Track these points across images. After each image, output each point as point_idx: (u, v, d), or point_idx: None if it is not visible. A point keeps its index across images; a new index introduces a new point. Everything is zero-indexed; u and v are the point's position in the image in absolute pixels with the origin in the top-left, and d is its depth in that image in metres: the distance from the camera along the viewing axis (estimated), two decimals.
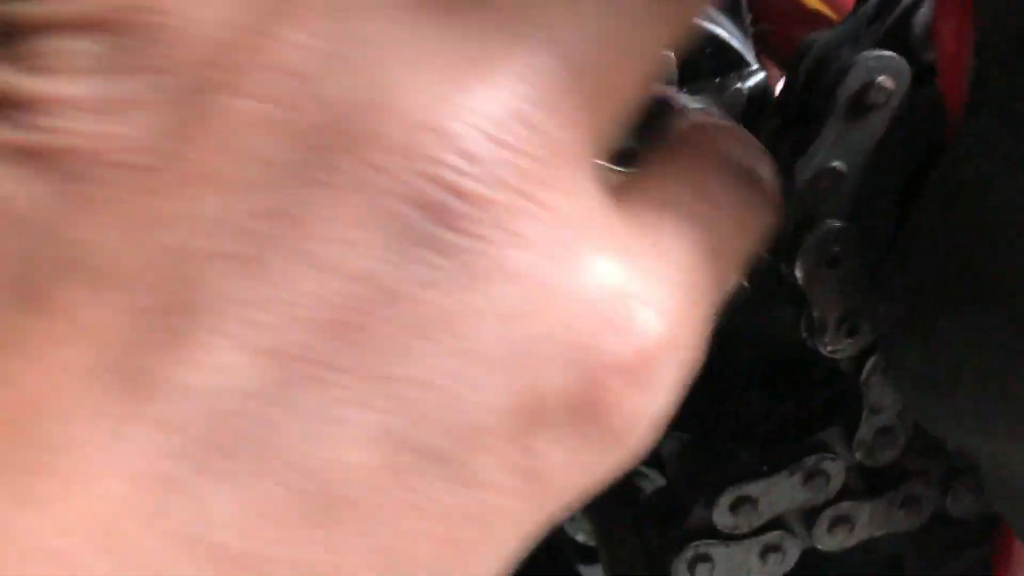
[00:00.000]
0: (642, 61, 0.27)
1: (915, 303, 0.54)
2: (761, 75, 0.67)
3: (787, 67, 0.61)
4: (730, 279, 0.35)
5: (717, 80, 0.67)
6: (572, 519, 0.74)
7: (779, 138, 0.62)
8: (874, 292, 0.62)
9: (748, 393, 0.79)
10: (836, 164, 0.58)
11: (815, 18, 0.94)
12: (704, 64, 0.66)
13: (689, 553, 0.66)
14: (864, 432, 0.66)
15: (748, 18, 0.71)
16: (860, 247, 0.60)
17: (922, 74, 0.57)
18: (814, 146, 0.58)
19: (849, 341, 0.63)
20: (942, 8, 0.50)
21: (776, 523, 0.68)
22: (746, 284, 0.71)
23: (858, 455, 0.65)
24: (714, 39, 0.66)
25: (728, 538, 0.66)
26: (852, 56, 0.57)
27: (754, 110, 0.65)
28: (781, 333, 0.78)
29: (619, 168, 0.35)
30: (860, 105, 0.57)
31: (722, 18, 0.70)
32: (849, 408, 0.67)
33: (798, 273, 0.62)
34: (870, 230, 0.60)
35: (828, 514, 0.67)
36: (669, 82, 0.63)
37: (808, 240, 0.61)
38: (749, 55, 0.68)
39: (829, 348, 0.64)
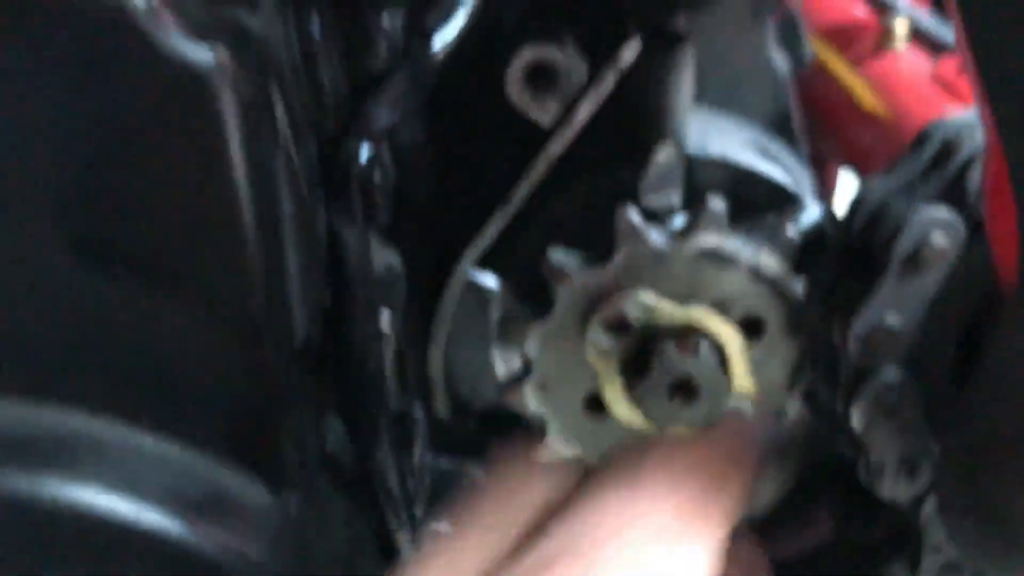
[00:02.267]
0: None
1: (973, 466, 0.54)
2: (816, 214, 0.67)
3: (846, 215, 0.61)
4: None
5: (768, 217, 0.67)
6: None
7: (834, 289, 0.62)
8: (932, 437, 0.61)
9: (818, 515, 0.78)
10: (891, 320, 0.58)
11: (872, 120, 0.94)
12: (757, 201, 0.67)
13: None
14: (928, 567, 0.65)
15: (803, 139, 0.72)
16: (916, 397, 0.60)
17: (977, 228, 0.56)
18: (870, 302, 0.58)
19: (907, 485, 0.63)
20: (990, 184, 0.50)
21: None
22: (809, 417, 0.72)
23: None
24: (766, 180, 0.66)
25: None
26: (908, 210, 0.57)
27: (810, 252, 0.65)
28: (846, 464, 0.78)
29: None
30: (915, 263, 0.57)
31: (777, 147, 0.70)
32: (912, 542, 0.66)
33: (855, 422, 0.61)
34: (926, 381, 0.60)
35: None
36: (720, 229, 0.63)
37: (864, 391, 0.61)
38: (804, 189, 0.68)
39: (887, 492, 0.64)
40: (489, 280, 0.68)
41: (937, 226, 0.56)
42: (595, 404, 0.72)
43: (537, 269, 0.68)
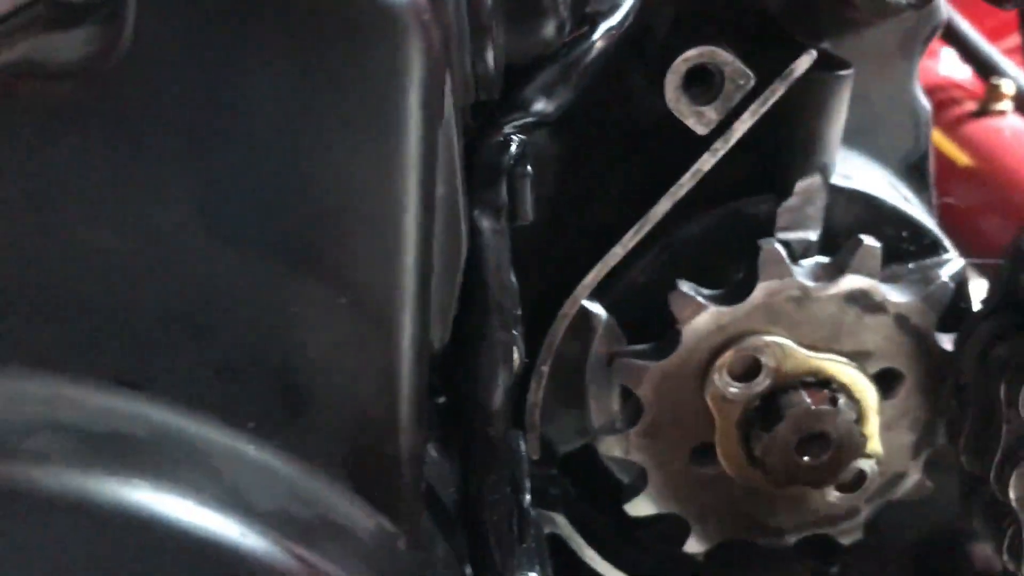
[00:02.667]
0: None
1: None
2: (959, 263, 0.62)
3: (1009, 260, 0.56)
4: None
5: (911, 266, 0.61)
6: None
7: (996, 343, 0.57)
8: None
9: None
10: None
11: (969, 176, 0.89)
12: (899, 248, 0.61)
13: None
14: None
15: (934, 192, 0.67)
16: None
17: None
18: None
19: None
20: None
21: None
22: (929, 483, 0.65)
23: None
24: (911, 222, 0.61)
25: None
26: None
27: (954, 299, 0.59)
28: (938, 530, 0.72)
29: None
30: None
31: (910, 192, 0.65)
32: None
33: (1012, 492, 0.55)
34: None
35: None
36: (872, 273, 0.57)
37: None
38: (945, 239, 0.63)
39: None
40: (598, 309, 0.62)
41: None
42: (704, 456, 0.65)
43: (652, 302, 0.62)
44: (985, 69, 0.88)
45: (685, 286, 0.58)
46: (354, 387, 0.43)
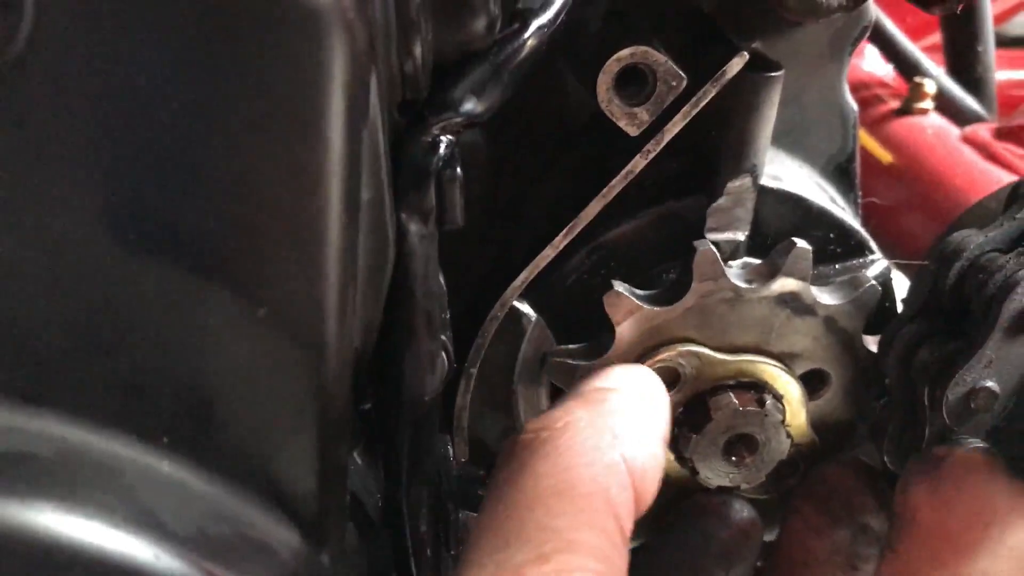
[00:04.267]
0: None
1: None
2: (883, 264, 0.62)
3: (933, 265, 0.56)
4: None
5: (838, 267, 0.62)
6: None
7: (919, 346, 0.57)
8: None
9: None
10: (990, 384, 0.53)
11: (892, 174, 0.90)
12: (825, 249, 0.61)
13: None
14: None
15: (859, 193, 0.67)
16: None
17: None
18: (970, 363, 0.53)
19: None
20: None
21: None
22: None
23: None
24: (838, 224, 0.61)
25: None
26: (1017, 268, 0.53)
27: (880, 305, 0.60)
28: None
29: None
30: (1023, 324, 0.52)
31: (836, 193, 0.65)
32: None
33: None
34: (1011, 446, 0.55)
35: None
36: (803, 275, 0.57)
37: None
38: (870, 240, 0.63)
39: None
40: (528, 310, 0.61)
41: None
42: None
43: (582, 303, 0.61)
44: (908, 68, 0.90)
45: (620, 286, 0.57)
46: (275, 400, 0.41)
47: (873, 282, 0.59)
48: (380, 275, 0.44)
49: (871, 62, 1.03)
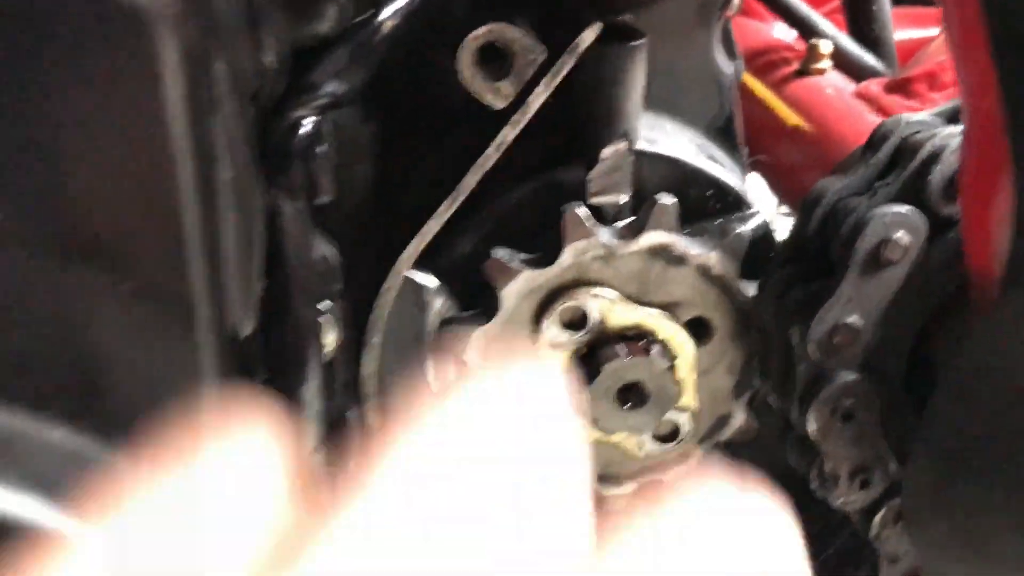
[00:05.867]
0: None
1: (943, 471, 0.52)
2: (761, 218, 0.66)
3: (799, 214, 0.60)
4: None
5: (718, 223, 0.65)
6: None
7: (790, 289, 0.61)
8: (887, 446, 0.60)
9: None
10: (852, 320, 0.57)
11: (797, 136, 0.94)
12: (705, 205, 0.65)
13: None
14: None
15: (744, 149, 0.70)
16: (872, 401, 0.59)
17: (938, 227, 0.56)
18: (830, 301, 0.56)
19: (861, 494, 0.61)
20: (968, 176, 0.49)
21: None
22: (755, 423, 0.70)
23: None
24: (714, 181, 0.65)
25: None
26: (868, 209, 0.56)
27: (756, 254, 0.63)
28: (794, 478, 0.76)
29: None
30: (877, 260, 0.55)
31: (720, 152, 0.69)
32: (868, 555, 0.64)
33: (811, 426, 0.60)
34: (882, 384, 0.59)
35: None
36: (670, 228, 0.61)
37: (821, 395, 0.59)
38: (749, 195, 0.67)
39: (840, 500, 0.62)
40: (428, 280, 0.64)
41: (899, 223, 0.55)
42: None
43: (479, 271, 0.64)
44: (806, 30, 0.93)
45: (499, 252, 0.61)
46: (155, 374, 0.44)
47: (740, 230, 0.62)
48: (252, 250, 0.48)
49: (781, 29, 1.06)
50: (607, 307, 0.61)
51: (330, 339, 0.52)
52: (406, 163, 0.62)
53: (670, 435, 0.66)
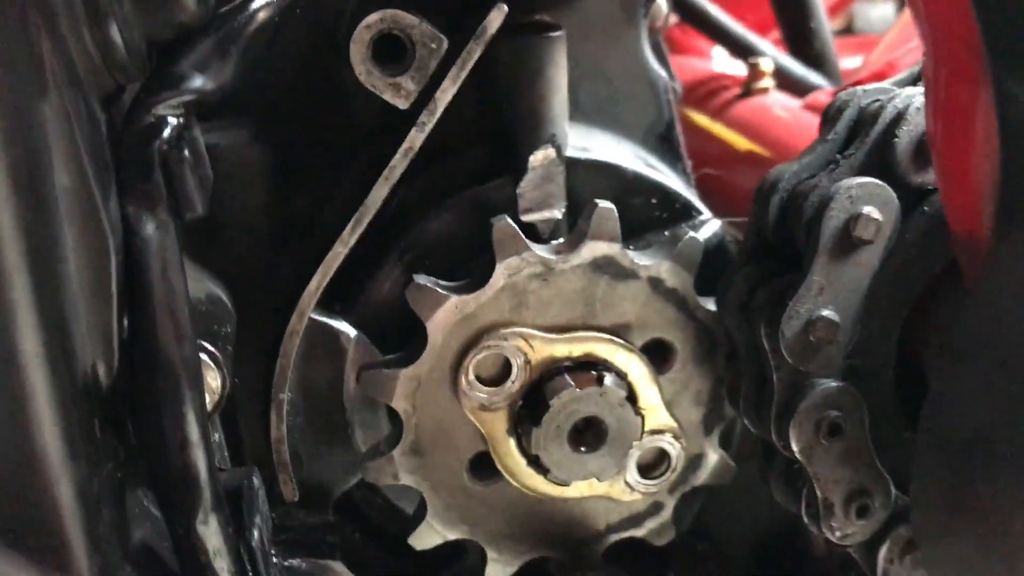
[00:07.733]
0: None
1: (956, 469, 0.44)
2: (716, 224, 0.59)
3: (754, 206, 0.53)
4: None
5: (667, 232, 0.58)
6: None
7: (753, 291, 0.53)
8: (885, 463, 0.52)
9: None
10: (827, 312, 0.49)
11: (751, 159, 0.88)
12: (650, 214, 0.58)
13: None
14: None
15: (688, 163, 0.64)
16: (860, 411, 0.51)
17: (912, 199, 0.49)
18: (800, 292, 0.49)
19: (860, 524, 0.53)
20: (942, 108, 0.42)
21: None
22: (731, 463, 0.61)
23: None
24: (658, 187, 0.58)
25: None
26: (832, 183, 0.49)
27: (712, 265, 0.56)
28: (773, 520, 0.68)
29: None
30: (847, 241, 0.48)
31: (662, 165, 0.62)
32: None
33: (793, 445, 0.51)
34: (870, 390, 0.51)
35: None
36: (612, 237, 0.53)
37: (802, 405, 0.51)
38: (698, 202, 0.60)
39: (839, 534, 0.53)
40: (340, 325, 0.56)
41: (868, 196, 0.48)
42: (483, 468, 0.59)
43: (403, 311, 0.56)
44: (743, 51, 0.88)
45: (422, 279, 0.53)
46: None
47: (692, 234, 0.55)
48: (102, 274, 0.39)
49: (719, 62, 1.02)
50: (529, 346, 0.52)
51: (215, 386, 0.44)
52: (315, 193, 0.55)
53: (656, 461, 0.57)
